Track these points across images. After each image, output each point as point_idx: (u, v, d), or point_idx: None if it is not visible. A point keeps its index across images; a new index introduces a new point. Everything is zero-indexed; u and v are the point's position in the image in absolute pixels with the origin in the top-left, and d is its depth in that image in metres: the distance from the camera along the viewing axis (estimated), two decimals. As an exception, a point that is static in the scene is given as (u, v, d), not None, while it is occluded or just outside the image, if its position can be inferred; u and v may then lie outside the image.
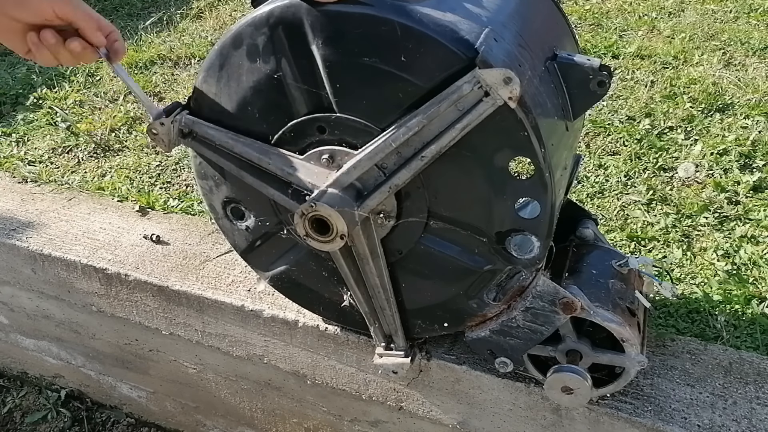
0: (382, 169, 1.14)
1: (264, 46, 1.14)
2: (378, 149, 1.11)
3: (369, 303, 1.34)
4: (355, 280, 1.30)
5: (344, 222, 1.15)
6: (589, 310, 1.21)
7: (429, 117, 1.05)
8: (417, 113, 1.06)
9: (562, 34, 1.33)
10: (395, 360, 1.39)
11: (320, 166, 1.19)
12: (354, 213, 1.15)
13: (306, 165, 1.20)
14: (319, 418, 1.84)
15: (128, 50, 3.41)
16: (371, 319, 1.37)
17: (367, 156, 1.13)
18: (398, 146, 1.10)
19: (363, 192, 1.17)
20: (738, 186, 2.03)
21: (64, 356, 2.24)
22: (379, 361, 1.41)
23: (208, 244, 1.88)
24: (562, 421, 1.42)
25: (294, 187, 1.22)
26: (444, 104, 1.04)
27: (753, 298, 1.64)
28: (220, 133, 1.24)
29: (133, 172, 2.37)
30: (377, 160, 1.13)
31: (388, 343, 1.40)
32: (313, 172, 1.19)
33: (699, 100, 2.45)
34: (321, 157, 1.19)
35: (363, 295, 1.33)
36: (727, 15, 3.17)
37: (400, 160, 1.12)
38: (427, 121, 1.06)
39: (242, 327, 1.71)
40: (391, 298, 1.31)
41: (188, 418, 2.17)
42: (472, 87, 1.01)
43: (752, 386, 1.34)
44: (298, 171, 1.20)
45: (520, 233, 1.15)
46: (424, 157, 1.09)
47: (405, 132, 1.08)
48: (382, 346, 1.41)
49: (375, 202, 1.17)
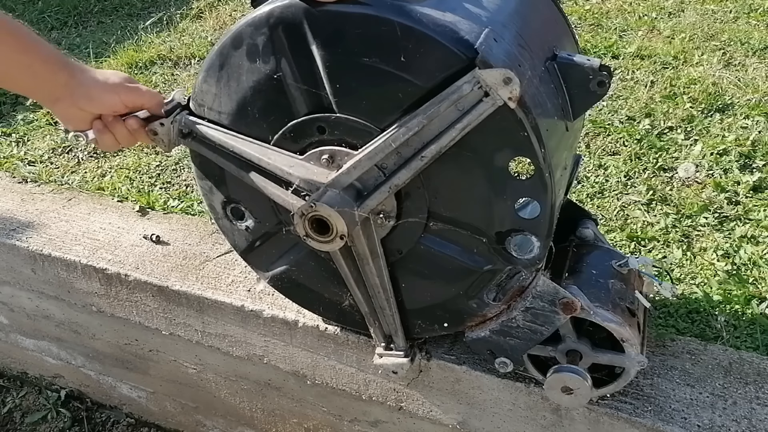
0: (382, 169, 1.14)
1: (264, 46, 1.14)
2: (378, 149, 1.11)
3: (369, 303, 1.34)
4: (355, 280, 1.30)
5: (344, 222, 1.14)
6: (589, 310, 1.21)
7: (429, 117, 1.05)
8: (417, 113, 1.06)
9: (562, 34, 1.33)
10: (395, 360, 1.39)
11: (320, 166, 1.19)
12: (354, 213, 1.15)
13: (306, 165, 1.20)
14: (319, 418, 1.84)
15: (128, 50, 3.41)
16: (371, 320, 1.37)
17: (367, 156, 1.13)
18: (398, 146, 1.10)
19: (363, 192, 1.17)
20: (738, 186, 2.03)
21: (64, 356, 2.24)
22: (378, 361, 1.41)
23: (208, 244, 1.88)
24: (562, 421, 1.42)
25: (294, 187, 1.22)
26: (444, 104, 1.03)
27: (753, 298, 1.64)
28: (220, 134, 1.24)
29: (133, 172, 2.37)
30: (377, 160, 1.13)
31: (388, 343, 1.40)
32: (312, 172, 1.19)
33: (699, 101, 2.45)
34: (321, 157, 1.19)
35: (363, 295, 1.33)
36: (727, 15, 3.16)
37: (400, 160, 1.12)
38: (427, 122, 1.06)
39: (242, 327, 1.71)
40: (391, 298, 1.31)
41: (188, 418, 2.17)
42: (472, 87, 1.01)
43: (752, 386, 1.34)
44: (298, 171, 1.20)
45: (520, 233, 1.15)
46: (424, 157, 1.09)
47: (405, 132, 1.08)
48: (382, 346, 1.41)
49: (375, 202, 1.16)
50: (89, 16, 4.19)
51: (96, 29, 3.95)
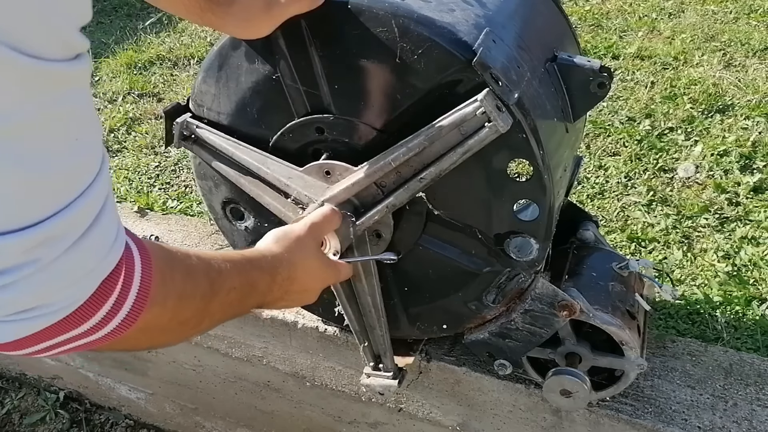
0: (381, 187, 1.12)
1: (262, 46, 1.13)
2: (377, 168, 1.09)
3: (360, 321, 1.31)
4: (346, 296, 1.28)
5: (338, 239, 1.13)
6: (589, 313, 1.20)
7: (431, 139, 1.03)
8: (419, 134, 1.04)
9: (563, 35, 1.32)
10: (382, 381, 1.36)
11: (319, 179, 1.17)
12: (349, 230, 1.14)
13: (305, 177, 1.18)
14: (318, 419, 1.83)
15: (127, 50, 3.41)
16: (361, 338, 1.34)
17: (366, 174, 1.10)
18: (398, 166, 1.07)
19: (360, 209, 1.15)
20: (738, 187, 2.02)
21: (63, 357, 2.24)
22: (365, 381, 1.37)
23: (207, 245, 1.87)
24: (562, 423, 1.41)
25: (291, 198, 1.20)
26: (447, 127, 1.02)
27: (753, 300, 1.64)
28: (221, 139, 1.24)
29: (132, 172, 2.37)
30: (376, 178, 1.10)
31: (377, 363, 1.37)
32: (311, 185, 1.17)
33: (699, 101, 2.45)
34: (320, 170, 1.17)
35: (354, 312, 1.30)
36: (727, 16, 3.16)
37: (400, 180, 1.09)
38: (428, 143, 1.04)
39: (241, 328, 1.71)
40: (382, 318, 1.28)
41: (187, 419, 2.17)
42: (475, 112, 0.99)
43: (753, 388, 1.33)
44: (296, 183, 1.18)
45: (519, 235, 1.15)
46: (423, 179, 1.07)
47: (405, 152, 1.05)
48: (371, 366, 1.38)
49: (371, 221, 1.15)
50: (89, 16, 4.18)
51: (95, 29, 3.95)
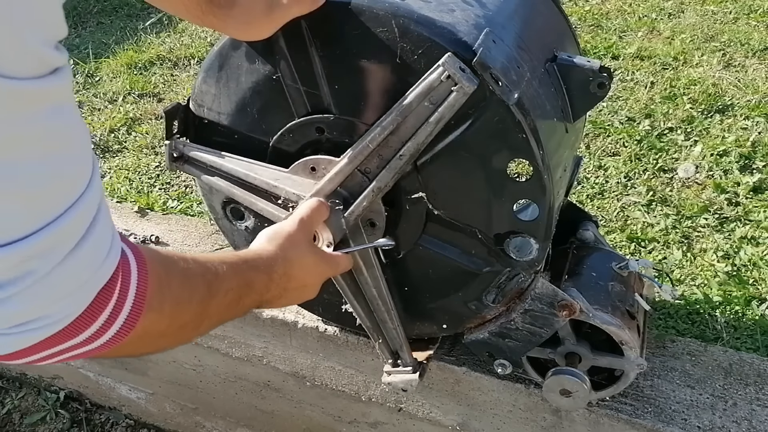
0: (366, 174, 1.12)
1: (263, 47, 1.13)
2: (357, 152, 1.09)
3: (370, 317, 1.30)
4: (353, 293, 1.27)
5: (329, 231, 1.13)
6: (588, 313, 1.21)
7: (402, 113, 1.03)
8: (391, 111, 1.04)
9: (563, 35, 1.32)
10: (404, 377, 1.34)
11: (305, 176, 1.17)
12: (341, 221, 1.14)
13: (292, 177, 1.18)
14: (318, 419, 1.83)
15: (128, 51, 3.41)
16: (375, 335, 1.33)
17: (348, 161, 1.11)
18: (377, 147, 1.08)
19: (349, 199, 1.15)
20: (738, 187, 2.02)
21: (63, 357, 2.24)
22: (387, 379, 1.35)
23: (207, 246, 1.87)
24: (562, 423, 1.41)
25: (281, 200, 1.20)
26: (416, 98, 1.01)
27: (753, 300, 1.64)
28: (208, 154, 1.24)
29: (132, 172, 2.37)
30: (358, 164, 1.11)
31: (395, 360, 1.35)
32: (298, 183, 1.17)
33: (699, 101, 2.45)
34: (306, 167, 1.17)
35: (363, 309, 1.29)
36: (726, 16, 3.16)
37: (383, 163, 1.10)
38: (401, 119, 1.04)
39: (241, 328, 1.71)
40: (392, 310, 1.27)
41: (187, 419, 2.17)
42: (440, 78, 0.99)
43: (752, 387, 1.33)
44: (284, 183, 1.18)
45: (519, 235, 1.15)
46: (403, 155, 1.07)
47: (381, 132, 1.06)
48: (389, 363, 1.36)
49: (360, 208, 1.15)
50: (88, 16, 4.20)
51: (95, 30, 3.95)
